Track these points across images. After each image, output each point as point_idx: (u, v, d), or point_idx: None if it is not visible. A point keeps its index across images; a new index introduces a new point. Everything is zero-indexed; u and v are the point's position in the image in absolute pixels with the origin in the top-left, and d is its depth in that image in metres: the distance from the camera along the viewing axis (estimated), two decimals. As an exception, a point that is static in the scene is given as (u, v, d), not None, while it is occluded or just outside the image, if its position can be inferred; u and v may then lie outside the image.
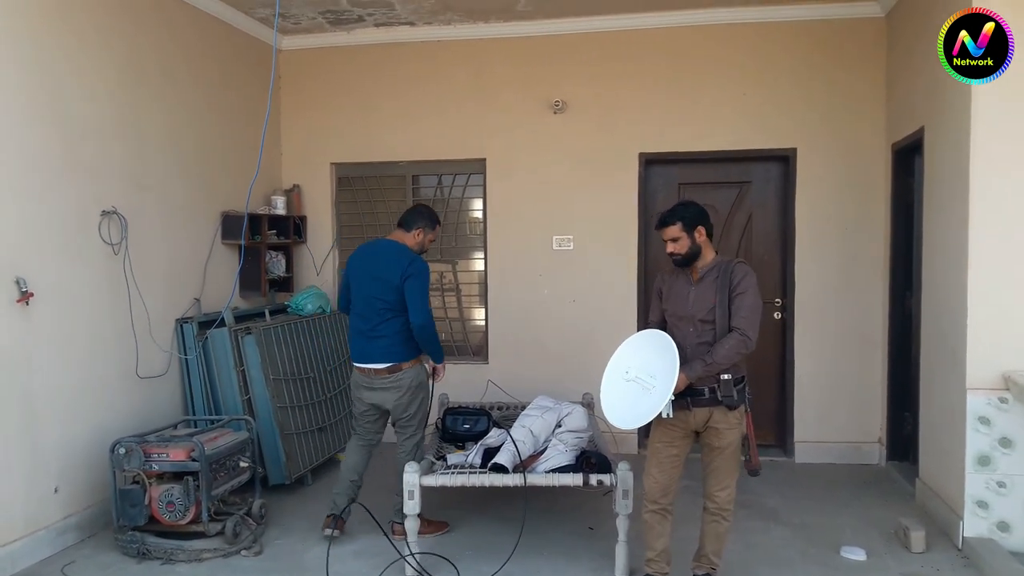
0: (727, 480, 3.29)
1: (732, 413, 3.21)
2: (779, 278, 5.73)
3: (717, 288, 3.21)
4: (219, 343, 4.90)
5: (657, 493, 3.36)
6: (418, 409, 4.16)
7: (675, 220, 3.27)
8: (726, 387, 3.15)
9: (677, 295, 3.35)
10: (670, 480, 3.35)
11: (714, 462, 3.29)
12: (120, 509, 3.90)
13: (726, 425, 3.21)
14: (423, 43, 6.00)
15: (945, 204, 4.26)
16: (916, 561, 3.83)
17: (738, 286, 3.17)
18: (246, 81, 5.72)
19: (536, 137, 5.89)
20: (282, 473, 4.87)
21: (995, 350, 3.87)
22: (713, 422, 3.22)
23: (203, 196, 5.23)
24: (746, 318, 3.14)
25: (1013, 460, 3.85)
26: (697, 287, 3.28)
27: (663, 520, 3.39)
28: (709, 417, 3.22)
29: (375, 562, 3.82)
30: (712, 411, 3.21)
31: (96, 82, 4.31)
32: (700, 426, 3.25)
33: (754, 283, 3.21)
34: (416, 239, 4.18)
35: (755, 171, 5.76)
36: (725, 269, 3.24)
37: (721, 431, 3.22)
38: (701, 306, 3.24)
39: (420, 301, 4.00)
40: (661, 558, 3.41)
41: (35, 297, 3.83)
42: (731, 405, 3.18)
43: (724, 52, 5.61)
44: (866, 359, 5.51)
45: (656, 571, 3.42)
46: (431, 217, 4.25)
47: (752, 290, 3.19)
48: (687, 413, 3.21)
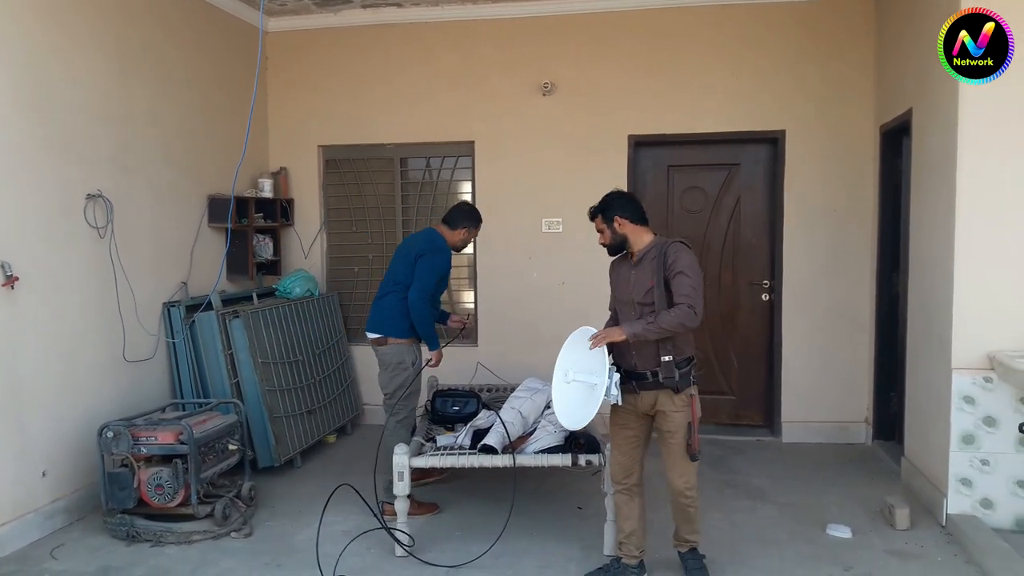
0: (681, 466, 3.26)
1: (678, 396, 3.21)
2: (767, 260, 5.75)
3: (654, 269, 3.22)
4: (207, 326, 4.88)
5: (620, 474, 3.40)
6: (397, 388, 4.22)
7: (596, 213, 3.40)
8: (667, 368, 3.17)
9: (620, 279, 3.41)
10: (631, 461, 3.39)
11: (665, 447, 3.30)
12: (109, 492, 3.90)
13: (672, 408, 3.21)
14: (411, 24, 5.95)
15: (932, 186, 4.27)
16: (900, 538, 3.87)
17: (672, 266, 3.16)
18: (232, 64, 5.66)
19: (525, 119, 5.87)
20: (271, 456, 4.87)
21: (980, 330, 3.90)
22: (660, 405, 3.24)
23: (189, 179, 5.19)
24: (689, 294, 3.10)
25: (997, 439, 3.89)
26: (636, 270, 3.31)
27: (629, 501, 3.41)
28: (656, 400, 3.24)
29: (367, 543, 3.84)
30: (658, 394, 3.23)
31: (80, 64, 4.26)
32: (649, 409, 3.28)
33: (688, 261, 3.17)
34: (460, 236, 4.38)
35: (744, 153, 5.76)
36: (661, 250, 3.24)
37: (668, 414, 3.23)
38: (640, 288, 3.26)
39: (423, 280, 4.15)
40: (629, 540, 3.42)
41: (20, 281, 3.81)
42: (674, 387, 3.19)
43: (714, 34, 5.59)
44: (853, 340, 5.54)
45: (625, 553, 3.43)
46: (475, 217, 4.44)
47: (689, 268, 3.15)
48: (635, 396, 3.26)
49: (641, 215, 3.36)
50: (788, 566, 3.59)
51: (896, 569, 3.55)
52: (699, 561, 3.43)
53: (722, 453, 5.35)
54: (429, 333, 4.25)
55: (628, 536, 3.42)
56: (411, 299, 4.14)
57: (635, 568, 3.43)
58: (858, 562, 3.62)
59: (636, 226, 3.33)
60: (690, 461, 3.24)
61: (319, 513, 4.17)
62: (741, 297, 5.82)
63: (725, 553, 3.73)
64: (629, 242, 3.34)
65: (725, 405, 5.91)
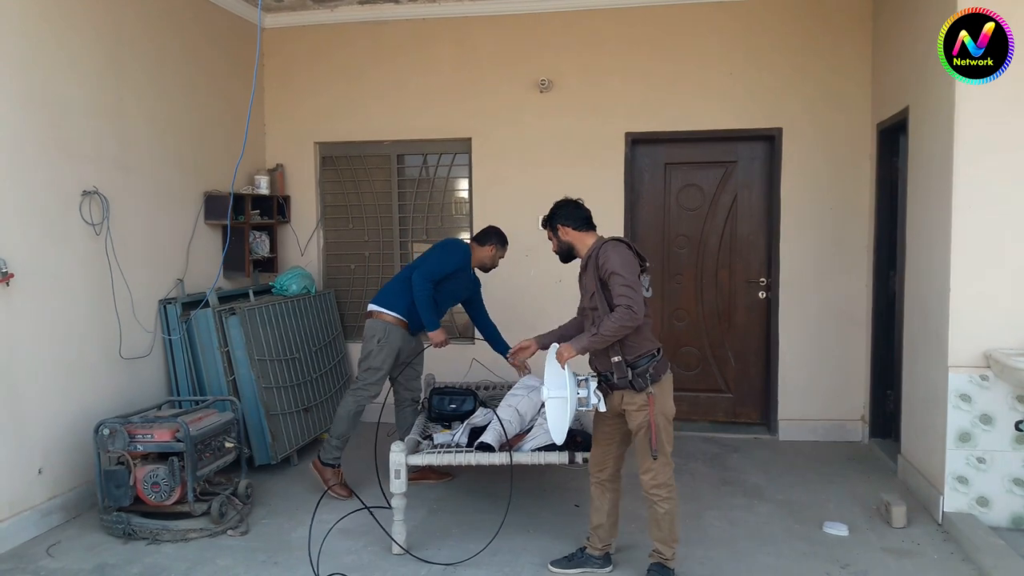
0: (645, 463, 3.24)
1: (640, 395, 3.20)
2: (764, 257, 5.75)
3: (592, 273, 3.23)
4: (203, 324, 4.87)
5: (594, 467, 3.46)
6: (364, 359, 4.46)
7: (545, 224, 3.48)
8: (618, 369, 3.19)
9: (579, 283, 3.43)
10: (604, 456, 3.42)
11: (634, 444, 3.32)
12: (105, 490, 3.89)
13: (635, 407, 3.22)
14: (408, 21, 5.94)
15: (929, 184, 4.28)
16: (897, 536, 3.88)
17: (603, 267, 3.15)
18: (229, 60, 5.64)
19: (522, 116, 5.86)
20: (268, 453, 4.87)
21: (977, 329, 3.91)
22: (624, 404, 3.25)
23: (185, 176, 5.18)
24: (623, 294, 3.08)
25: (993, 437, 3.90)
26: (584, 276, 3.33)
27: (601, 494, 3.45)
28: (621, 399, 3.25)
29: (363, 540, 3.84)
30: (623, 394, 3.24)
31: (77, 61, 4.24)
32: (617, 408, 3.28)
33: (619, 260, 3.12)
34: (488, 254, 4.63)
35: (741, 151, 5.76)
36: (592, 254, 3.26)
37: (631, 413, 3.24)
38: (586, 294, 3.31)
39: (429, 264, 4.42)
40: (596, 533, 3.48)
41: (15, 278, 3.79)
42: (632, 387, 3.20)
43: (711, 31, 5.59)
44: (850, 338, 5.55)
45: (590, 544, 3.51)
46: (502, 239, 4.68)
47: (620, 267, 3.11)
48: (610, 394, 3.28)
49: (585, 220, 3.38)
50: (785, 564, 3.60)
51: (892, 567, 3.56)
52: (660, 574, 3.29)
53: (719, 451, 5.35)
54: (428, 315, 4.42)
55: (595, 528, 3.49)
56: (414, 279, 4.36)
57: (598, 559, 3.49)
58: (854, 560, 3.62)
59: (580, 232, 3.36)
60: (660, 459, 3.21)
61: (314, 511, 4.18)
62: (738, 295, 5.82)
63: (722, 551, 3.73)
64: (576, 249, 3.39)
65: (722, 403, 5.92)
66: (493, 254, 4.64)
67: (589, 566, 3.49)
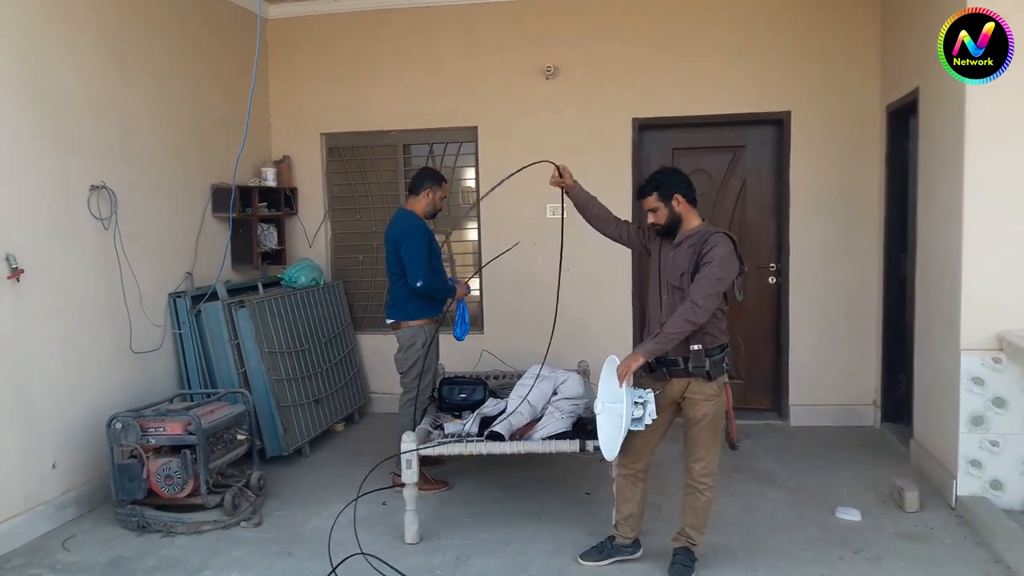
0: (702, 452, 3.21)
1: (709, 384, 3.16)
2: (774, 242, 5.72)
3: (690, 256, 3.13)
4: (212, 317, 4.88)
5: (630, 458, 3.33)
6: (411, 367, 4.40)
7: (651, 190, 3.20)
8: (696, 358, 3.11)
9: (659, 256, 3.31)
10: (645, 446, 3.31)
11: (690, 432, 3.24)
12: (118, 483, 3.91)
13: (702, 396, 3.16)
14: (412, 9, 5.91)
15: (940, 165, 4.24)
16: (910, 520, 3.87)
17: (706, 255, 3.06)
18: (234, 52, 5.63)
19: (528, 104, 5.83)
20: (279, 445, 4.88)
21: (989, 311, 3.87)
22: (690, 392, 3.18)
23: (193, 169, 5.18)
24: (704, 289, 3.01)
25: (1006, 419, 3.88)
26: (676, 252, 3.21)
27: (632, 485, 3.38)
28: (686, 387, 3.18)
29: (377, 531, 3.85)
30: (689, 381, 3.17)
31: (82, 56, 4.24)
32: (678, 396, 3.21)
33: (723, 254, 3.05)
34: (427, 199, 4.46)
35: (749, 135, 5.72)
36: (702, 237, 3.14)
37: (697, 402, 3.17)
38: (674, 271, 3.18)
39: (415, 263, 4.28)
40: (627, 523, 3.42)
41: (26, 274, 3.81)
42: (705, 376, 3.14)
43: (717, 14, 5.53)
44: (861, 322, 5.52)
45: (619, 535, 3.46)
46: (434, 176, 4.52)
47: (719, 261, 3.04)
48: (665, 383, 3.20)
49: (694, 196, 3.26)
50: (798, 550, 3.59)
51: (906, 551, 3.55)
52: (688, 558, 3.32)
53: (730, 437, 5.34)
54: (443, 290, 4.48)
55: (626, 518, 3.43)
56: (419, 286, 4.27)
57: (628, 547, 3.47)
58: (868, 545, 3.61)
59: (690, 207, 3.23)
60: (713, 449, 3.21)
61: (328, 502, 4.21)
62: (748, 280, 5.75)
63: (736, 537, 3.73)
64: (682, 223, 3.21)
65: (733, 389, 5.74)
66: (432, 197, 4.46)
67: (620, 555, 3.46)
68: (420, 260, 4.29)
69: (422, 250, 4.31)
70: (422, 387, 4.43)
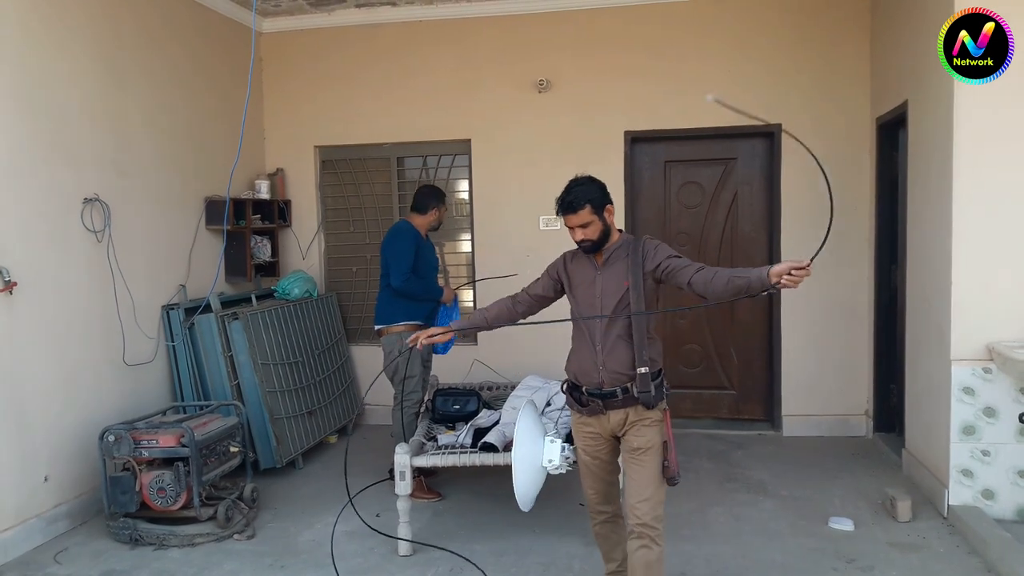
0: (650, 490, 2.74)
1: (651, 411, 2.79)
2: (766, 254, 5.75)
3: (629, 268, 2.82)
4: (206, 329, 4.88)
5: (597, 503, 3.02)
6: (394, 374, 4.48)
7: (584, 203, 2.81)
8: (643, 382, 2.75)
9: (582, 283, 2.93)
10: (606, 486, 3.00)
11: (632, 467, 2.80)
12: (111, 496, 3.90)
13: (647, 421, 2.80)
14: (405, 23, 5.94)
15: (929, 177, 4.28)
16: (903, 530, 3.88)
17: (658, 254, 2.81)
18: (229, 65, 5.65)
19: (521, 117, 5.86)
20: (273, 457, 4.87)
21: (979, 321, 3.90)
22: (631, 420, 2.81)
23: (186, 182, 5.19)
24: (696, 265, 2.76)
25: (997, 429, 3.90)
26: (604, 272, 2.87)
27: (615, 528, 3.05)
28: (625, 418, 2.82)
29: (370, 543, 3.84)
30: (628, 411, 2.81)
31: (76, 68, 4.25)
32: (618, 429, 2.84)
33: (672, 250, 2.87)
34: (433, 217, 4.65)
35: (740, 148, 5.76)
36: (634, 247, 2.85)
37: (639, 428, 2.80)
38: (610, 291, 2.84)
39: (398, 263, 4.43)
40: (624, 568, 3.00)
41: (18, 287, 3.81)
42: (648, 403, 2.77)
43: (708, 28, 5.58)
44: (852, 333, 5.55)
45: None
46: (439, 195, 4.70)
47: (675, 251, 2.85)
48: (602, 417, 2.85)
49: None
50: (791, 559, 3.60)
51: (899, 561, 3.56)
52: None
53: (723, 448, 5.35)
54: (427, 292, 4.58)
55: (621, 564, 3.06)
56: (396, 286, 4.42)
57: None
58: (860, 554, 3.62)
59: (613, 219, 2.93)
60: (661, 487, 2.77)
61: (321, 514, 4.20)
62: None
63: (727, 547, 3.73)
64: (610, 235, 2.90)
65: (725, 400, 5.92)
66: (438, 215, 4.68)
67: None
68: (403, 261, 4.44)
69: (405, 252, 4.45)
70: (406, 392, 4.46)
